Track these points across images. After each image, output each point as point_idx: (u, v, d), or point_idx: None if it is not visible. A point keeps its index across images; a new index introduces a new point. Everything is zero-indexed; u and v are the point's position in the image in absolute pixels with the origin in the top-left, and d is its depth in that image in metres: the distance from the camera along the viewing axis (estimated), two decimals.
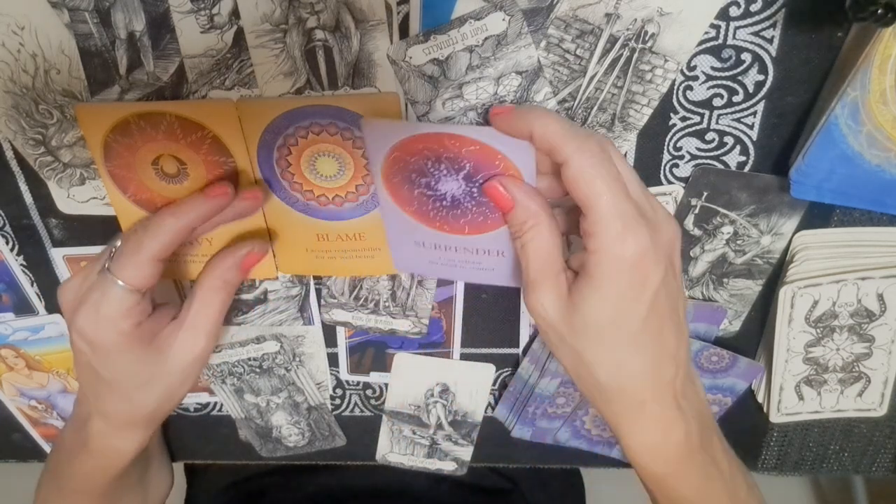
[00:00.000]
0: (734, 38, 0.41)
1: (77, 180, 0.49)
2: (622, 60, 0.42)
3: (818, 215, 0.48)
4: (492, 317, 0.55)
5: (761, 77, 0.43)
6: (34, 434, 0.67)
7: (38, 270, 0.55)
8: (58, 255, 0.53)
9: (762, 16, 0.40)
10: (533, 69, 0.43)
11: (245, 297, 0.55)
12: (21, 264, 0.54)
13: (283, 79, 0.43)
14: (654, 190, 0.47)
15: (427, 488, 0.75)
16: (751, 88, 0.43)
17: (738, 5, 0.40)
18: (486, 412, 0.61)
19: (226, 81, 0.44)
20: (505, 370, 0.58)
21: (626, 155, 0.46)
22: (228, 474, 0.82)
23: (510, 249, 0.45)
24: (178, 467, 0.84)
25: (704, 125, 0.45)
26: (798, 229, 0.49)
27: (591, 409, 0.58)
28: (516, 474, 0.81)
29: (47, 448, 0.68)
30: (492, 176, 0.41)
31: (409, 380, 0.59)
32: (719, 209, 0.48)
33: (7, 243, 0.53)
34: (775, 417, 0.58)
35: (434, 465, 0.65)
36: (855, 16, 0.35)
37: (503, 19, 0.41)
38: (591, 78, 0.43)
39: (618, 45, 0.42)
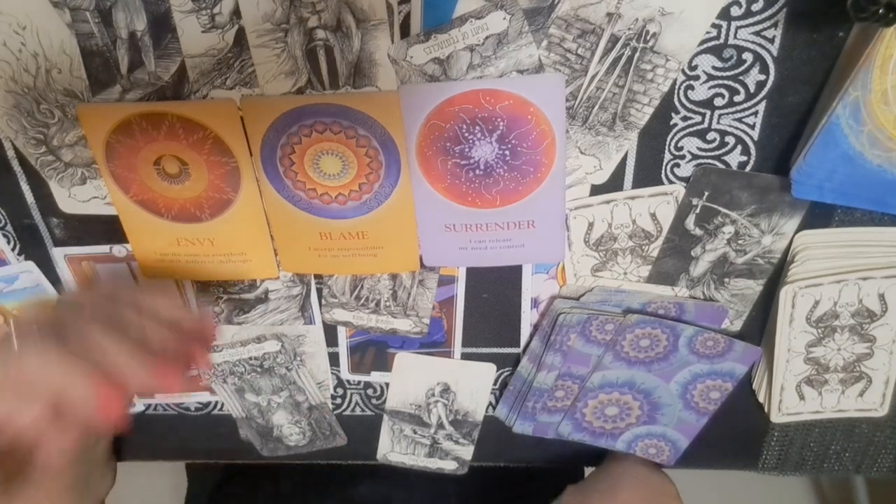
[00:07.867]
0: (735, 37, 0.41)
1: (78, 180, 0.49)
2: (623, 60, 0.42)
3: (819, 215, 0.48)
4: (492, 316, 0.55)
5: (762, 77, 0.43)
6: None
7: (39, 270, 0.55)
8: (59, 255, 0.53)
9: (763, 15, 0.40)
10: (534, 68, 0.43)
11: (246, 296, 0.55)
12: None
13: (284, 78, 0.43)
14: (654, 189, 0.47)
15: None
16: (752, 88, 0.43)
17: (740, 5, 0.40)
18: (487, 412, 0.61)
19: (227, 81, 0.44)
20: (506, 370, 0.58)
21: (626, 154, 0.46)
22: (228, 470, 0.82)
23: (540, 218, 0.46)
24: (179, 465, 0.84)
25: (706, 125, 0.45)
26: (799, 229, 0.49)
27: (591, 401, 0.57)
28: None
29: None
30: (524, 133, 0.43)
31: (410, 379, 0.59)
32: (720, 209, 0.48)
33: (9, 243, 0.53)
34: (776, 417, 0.58)
35: (435, 464, 0.65)
36: (856, 15, 0.35)
37: (504, 18, 0.41)
38: (593, 77, 0.43)
39: (619, 45, 0.42)
